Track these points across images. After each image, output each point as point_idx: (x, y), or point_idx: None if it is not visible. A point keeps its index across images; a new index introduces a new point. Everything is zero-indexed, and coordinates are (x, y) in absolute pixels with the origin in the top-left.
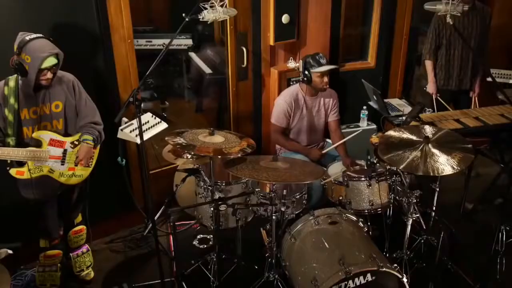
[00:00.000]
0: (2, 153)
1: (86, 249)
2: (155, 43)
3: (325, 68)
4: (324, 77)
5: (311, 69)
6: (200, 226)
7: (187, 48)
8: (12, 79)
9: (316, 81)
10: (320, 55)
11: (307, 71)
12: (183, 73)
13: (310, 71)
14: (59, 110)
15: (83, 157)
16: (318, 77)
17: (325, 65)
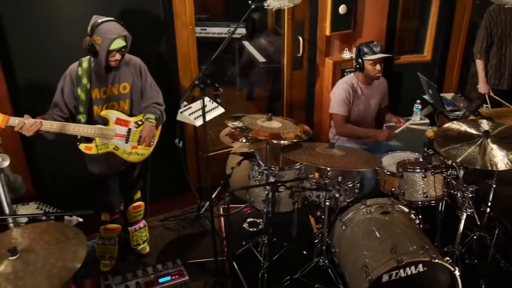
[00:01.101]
0: (74, 129)
1: (143, 224)
2: (209, 31)
3: (377, 56)
4: (377, 65)
5: (364, 57)
6: (250, 211)
7: (240, 36)
8: (85, 60)
9: (368, 69)
10: (375, 43)
11: (360, 58)
12: (235, 61)
13: (362, 58)
14: (126, 92)
15: (146, 135)
16: (370, 64)
17: (379, 53)
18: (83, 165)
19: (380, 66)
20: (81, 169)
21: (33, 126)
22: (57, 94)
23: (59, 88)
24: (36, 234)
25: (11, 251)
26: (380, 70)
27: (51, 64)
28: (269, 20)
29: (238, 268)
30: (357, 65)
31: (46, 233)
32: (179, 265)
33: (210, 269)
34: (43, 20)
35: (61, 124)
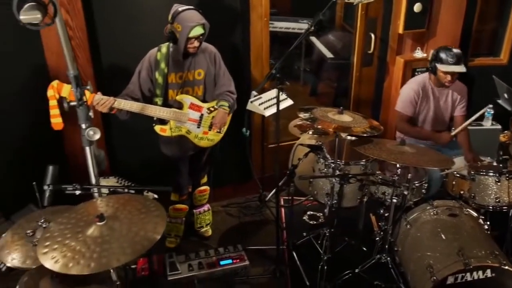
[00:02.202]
0: (151, 111)
1: (207, 208)
2: (277, 25)
3: (449, 69)
4: (448, 76)
5: (437, 64)
6: (311, 204)
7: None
8: (164, 46)
9: (440, 76)
10: (453, 52)
11: (434, 62)
12: (301, 56)
13: (436, 64)
14: (201, 78)
15: (218, 121)
16: (442, 73)
17: (452, 65)
18: (156, 146)
19: (452, 77)
20: (154, 150)
21: (107, 103)
22: (134, 77)
23: (137, 71)
24: (120, 204)
25: (99, 217)
26: (452, 80)
27: (132, 50)
28: (337, 16)
29: (297, 258)
30: (431, 68)
31: (129, 204)
32: (240, 250)
33: (269, 256)
34: (129, 8)
35: (141, 105)
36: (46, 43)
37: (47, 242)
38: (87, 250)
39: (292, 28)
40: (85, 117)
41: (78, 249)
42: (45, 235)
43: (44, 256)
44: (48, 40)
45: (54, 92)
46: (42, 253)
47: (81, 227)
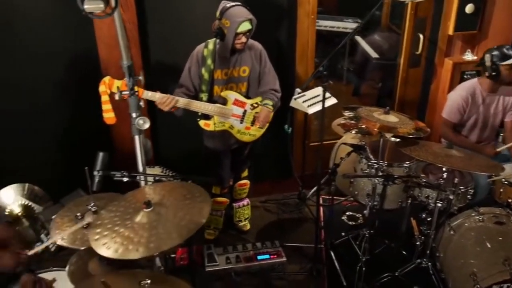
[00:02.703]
0: (197, 106)
1: (247, 202)
2: (322, 24)
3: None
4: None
5: (500, 62)
6: (350, 204)
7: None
8: (211, 42)
9: (504, 74)
10: (507, 46)
11: (494, 64)
12: (345, 56)
13: (498, 64)
14: (245, 75)
15: (262, 119)
16: (507, 69)
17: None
18: (200, 139)
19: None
20: (198, 143)
21: (170, 101)
22: (185, 73)
23: (187, 68)
24: (166, 191)
25: (147, 204)
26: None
27: (180, 45)
28: (383, 16)
29: (335, 257)
30: (493, 72)
31: (174, 191)
32: (277, 246)
33: (306, 254)
34: (178, 4)
35: (187, 100)
36: (99, 36)
37: (98, 229)
38: (135, 235)
39: (337, 27)
40: (135, 107)
41: (127, 235)
42: (96, 222)
43: (96, 242)
44: (101, 33)
45: (106, 87)
46: (94, 239)
47: (130, 214)
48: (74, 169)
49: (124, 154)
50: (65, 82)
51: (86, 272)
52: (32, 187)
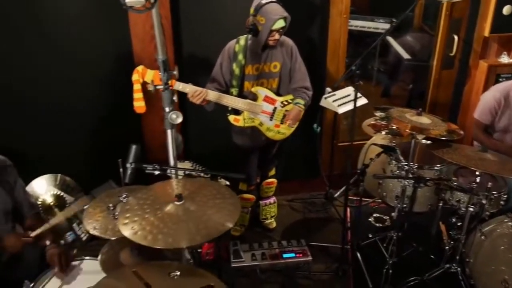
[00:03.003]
0: (227, 101)
1: (273, 200)
2: (353, 23)
3: None
4: None
5: None
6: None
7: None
8: (242, 38)
9: None
10: None
11: None
12: (375, 56)
13: None
14: (276, 71)
15: (292, 118)
16: None
17: None
18: (229, 135)
19: None
20: (226, 139)
21: (201, 94)
22: (216, 69)
23: (219, 63)
24: (196, 187)
25: (178, 197)
26: None
27: (211, 41)
28: (416, 17)
29: (361, 258)
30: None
31: (204, 188)
32: (303, 245)
33: (332, 254)
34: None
35: (218, 94)
36: (134, 30)
37: (128, 214)
38: (164, 226)
39: (367, 27)
40: (169, 101)
41: (157, 224)
42: (125, 208)
43: (125, 226)
44: (136, 28)
45: (139, 76)
46: (123, 223)
47: (160, 204)
48: (105, 161)
49: (153, 147)
50: (99, 76)
51: (117, 262)
52: (64, 177)
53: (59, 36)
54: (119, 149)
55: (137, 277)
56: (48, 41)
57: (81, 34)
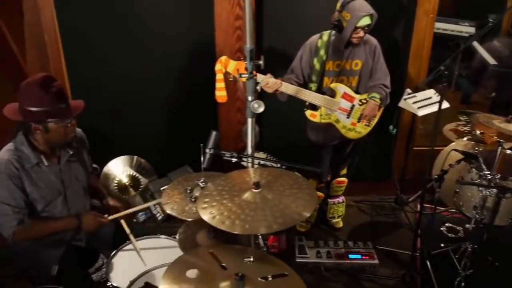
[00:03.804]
0: (305, 95)
1: (342, 200)
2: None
3: None
4: None
5: None
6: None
7: (468, 36)
8: (326, 34)
9: None
10: None
11: None
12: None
13: None
14: (357, 69)
15: (367, 113)
16: None
17: None
18: (303, 131)
19: None
20: (300, 134)
21: (275, 85)
22: (296, 61)
23: (299, 56)
24: (272, 176)
25: (256, 185)
26: None
27: (293, 35)
28: (504, 21)
29: (431, 268)
30: None
31: (281, 178)
32: (370, 247)
33: (400, 260)
34: None
35: (296, 88)
36: (218, 22)
37: (207, 199)
38: (242, 212)
39: (451, 30)
40: (252, 90)
41: (234, 210)
42: (204, 193)
43: (204, 210)
44: (220, 19)
45: (222, 66)
46: (201, 207)
47: (237, 191)
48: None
49: (227, 137)
50: (180, 65)
51: (194, 242)
52: (140, 159)
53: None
54: (196, 136)
55: (213, 258)
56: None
57: (166, 24)
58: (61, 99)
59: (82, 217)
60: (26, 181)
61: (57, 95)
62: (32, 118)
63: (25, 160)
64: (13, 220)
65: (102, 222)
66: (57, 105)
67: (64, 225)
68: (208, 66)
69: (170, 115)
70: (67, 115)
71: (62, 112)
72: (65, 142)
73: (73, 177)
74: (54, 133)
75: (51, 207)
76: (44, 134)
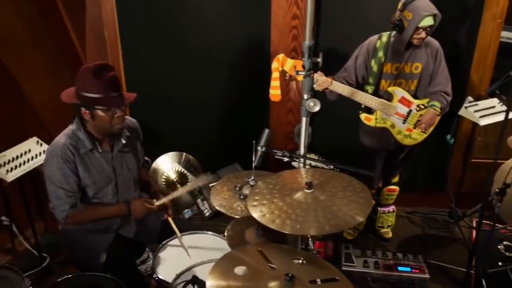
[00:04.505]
0: (361, 98)
1: (392, 209)
2: None
3: None
4: None
5: None
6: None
7: None
8: (385, 35)
9: None
10: None
11: None
12: None
13: None
14: (417, 72)
15: (426, 121)
16: None
17: None
18: (355, 134)
19: None
20: (352, 138)
21: (325, 83)
22: (351, 61)
23: (354, 55)
24: (325, 178)
25: (308, 185)
26: None
27: (350, 34)
28: None
29: (486, 287)
30: None
31: (334, 179)
32: (420, 260)
33: (452, 276)
34: None
35: (351, 89)
36: (274, 21)
37: (257, 196)
38: (293, 212)
39: None
40: (309, 88)
41: (285, 209)
42: (255, 190)
43: (254, 208)
44: (277, 18)
45: (278, 64)
46: (251, 205)
47: (289, 190)
48: (231, 145)
49: (277, 137)
50: (234, 62)
51: (241, 239)
52: (188, 156)
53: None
54: (245, 135)
55: (262, 256)
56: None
57: (221, 21)
58: (113, 88)
59: (131, 204)
60: (80, 166)
61: (109, 83)
62: (82, 102)
63: (80, 145)
64: (66, 203)
65: (151, 208)
66: (108, 93)
67: (114, 211)
68: (262, 65)
69: (221, 113)
70: (115, 104)
71: (111, 101)
72: (111, 132)
73: (124, 166)
74: (100, 121)
75: (101, 194)
76: (92, 121)
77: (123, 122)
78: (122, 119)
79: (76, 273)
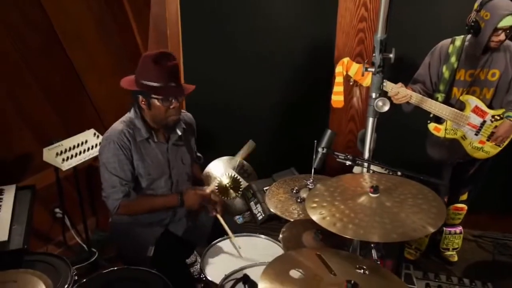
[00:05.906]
0: (430, 106)
1: (460, 230)
2: None
3: None
4: None
5: None
6: None
7: None
8: (459, 39)
9: None
10: None
11: None
12: None
13: None
14: (494, 79)
15: (501, 134)
16: None
17: None
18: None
19: None
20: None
21: (404, 98)
22: (423, 69)
23: (426, 62)
24: (392, 183)
25: (374, 189)
26: None
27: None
28: None
29: None
30: None
31: (402, 186)
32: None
33: None
34: None
35: (420, 97)
36: (340, 24)
37: (316, 198)
38: (355, 216)
39: None
40: (378, 86)
41: (347, 213)
42: (314, 193)
43: (313, 210)
44: (343, 21)
45: (343, 69)
46: (311, 207)
47: (351, 194)
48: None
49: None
50: (296, 65)
51: (297, 242)
52: (242, 162)
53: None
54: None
55: (320, 261)
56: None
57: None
58: (171, 77)
59: (184, 194)
60: (135, 154)
61: (168, 72)
62: (140, 90)
63: (137, 133)
64: (120, 192)
65: (203, 195)
66: (166, 83)
67: (167, 201)
68: (325, 69)
69: (279, 116)
70: (173, 94)
71: (169, 90)
72: (165, 123)
73: (179, 159)
74: (155, 111)
75: (155, 186)
76: (148, 110)
77: (179, 114)
78: (178, 111)
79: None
